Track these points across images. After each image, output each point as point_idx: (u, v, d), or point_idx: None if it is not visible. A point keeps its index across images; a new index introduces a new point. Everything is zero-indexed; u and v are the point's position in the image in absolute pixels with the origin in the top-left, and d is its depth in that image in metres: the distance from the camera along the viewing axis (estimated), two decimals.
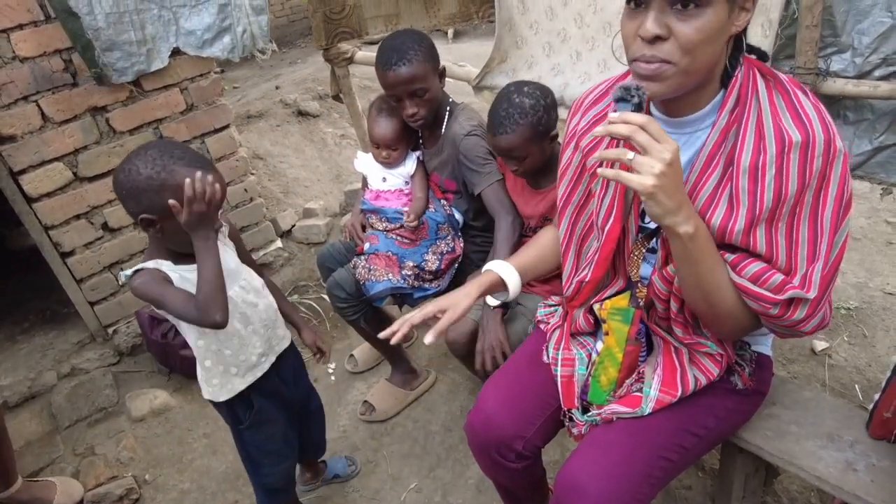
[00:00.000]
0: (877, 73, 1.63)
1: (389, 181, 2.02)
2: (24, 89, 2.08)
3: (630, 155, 0.89)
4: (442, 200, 2.01)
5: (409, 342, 2.52)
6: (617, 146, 1.07)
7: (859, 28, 1.61)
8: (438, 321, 1.19)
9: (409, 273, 1.93)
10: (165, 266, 1.29)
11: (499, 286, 1.32)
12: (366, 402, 2.21)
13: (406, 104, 1.78)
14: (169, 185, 1.19)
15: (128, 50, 2.23)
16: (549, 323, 1.40)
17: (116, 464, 2.11)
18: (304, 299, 2.77)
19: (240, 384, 1.43)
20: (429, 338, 1.15)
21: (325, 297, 2.75)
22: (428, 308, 1.22)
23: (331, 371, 2.42)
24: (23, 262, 3.09)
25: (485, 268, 1.34)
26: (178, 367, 2.40)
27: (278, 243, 2.98)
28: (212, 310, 1.21)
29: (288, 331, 1.59)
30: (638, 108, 0.92)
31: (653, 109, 1.09)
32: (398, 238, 1.97)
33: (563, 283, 1.29)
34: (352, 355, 2.45)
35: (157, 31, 2.29)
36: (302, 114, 4.28)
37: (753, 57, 1.05)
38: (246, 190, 2.76)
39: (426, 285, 1.98)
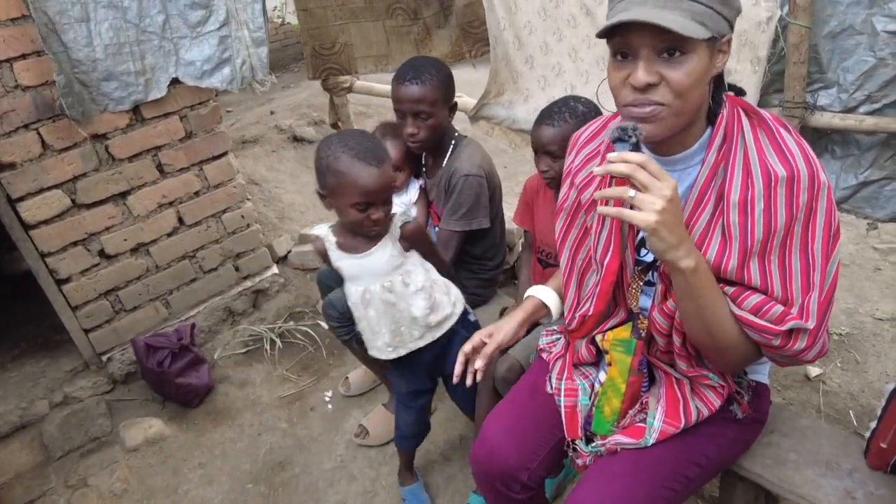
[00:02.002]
0: (861, 109, 1.69)
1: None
2: (26, 117, 2.09)
3: (631, 193, 0.92)
4: (438, 228, 2.03)
5: None
6: (610, 184, 1.11)
7: (844, 66, 1.67)
8: (484, 349, 1.31)
9: None
10: (331, 240, 1.56)
11: (541, 310, 1.41)
12: (361, 425, 2.21)
13: (408, 122, 1.82)
14: (332, 169, 1.40)
15: (125, 80, 2.25)
16: (551, 352, 1.42)
17: (110, 496, 2.07)
18: (300, 326, 2.76)
19: (374, 352, 1.64)
20: (478, 363, 1.28)
21: (321, 323, 2.77)
22: (475, 338, 1.34)
23: (328, 399, 2.41)
24: (14, 287, 3.05)
25: (526, 294, 1.45)
26: (174, 395, 2.38)
27: (274, 269, 2.98)
28: None
29: (443, 323, 1.63)
30: (635, 147, 0.96)
31: (643, 149, 1.13)
32: None
33: (566, 315, 1.31)
34: (346, 378, 2.45)
35: (157, 61, 2.32)
36: (297, 139, 4.32)
37: (732, 94, 1.10)
38: (243, 216, 2.77)
39: None
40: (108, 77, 2.20)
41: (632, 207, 0.93)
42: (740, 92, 1.13)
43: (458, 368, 1.31)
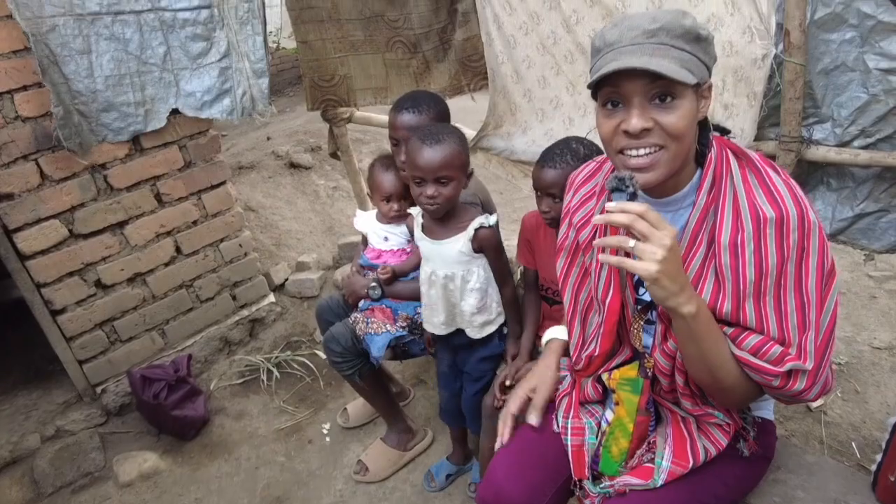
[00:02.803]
0: (856, 143, 1.72)
1: (392, 240, 2.04)
2: (25, 148, 2.09)
3: (631, 243, 0.93)
4: None
5: (405, 400, 2.50)
6: (606, 232, 1.14)
7: (838, 101, 1.71)
8: (533, 401, 1.35)
9: (403, 324, 1.95)
10: (419, 221, 1.76)
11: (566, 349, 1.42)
12: (360, 461, 2.17)
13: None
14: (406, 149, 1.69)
15: (125, 111, 2.26)
16: (557, 389, 1.41)
17: None
18: (297, 356, 2.74)
19: (427, 327, 1.84)
20: (533, 419, 1.32)
21: (319, 352, 2.75)
22: (519, 393, 1.36)
23: (325, 431, 2.38)
24: (4, 315, 3.01)
25: (546, 338, 1.48)
26: (170, 427, 2.34)
27: (271, 298, 2.96)
28: None
29: (484, 326, 1.77)
30: (633, 196, 0.97)
31: (641, 196, 1.15)
32: None
33: (572, 354, 1.31)
34: (345, 409, 2.42)
35: (157, 92, 2.33)
36: (294, 166, 4.32)
37: (718, 134, 1.13)
38: (241, 245, 2.76)
39: (419, 340, 2.00)
40: (107, 108, 2.21)
41: (631, 256, 0.94)
42: (724, 132, 1.16)
43: (502, 429, 1.37)
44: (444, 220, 1.70)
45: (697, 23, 0.98)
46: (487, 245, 1.67)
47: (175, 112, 2.39)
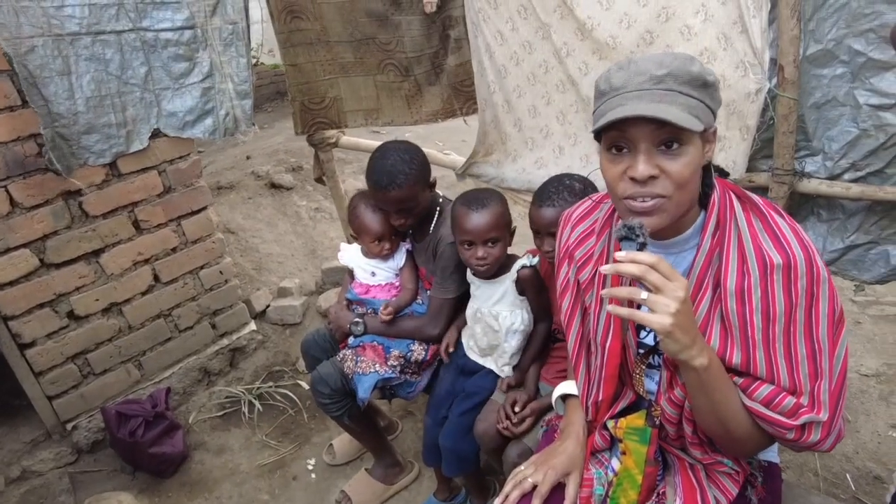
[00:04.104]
0: (846, 177, 1.73)
1: (379, 275, 1.99)
2: None
3: (644, 294, 0.90)
4: (429, 292, 1.99)
5: (393, 434, 2.43)
6: (605, 282, 1.10)
7: (829, 135, 1.72)
8: (568, 490, 1.21)
9: (395, 363, 1.90)
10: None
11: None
12: (343, 491, 2.10)
13: (394, 216, 1.84)
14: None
15: (107, 132, 2.18)
16: (558, 427, 1.37)
17: None
18: (280, 386, 2.65)
19: (466, 350, 1.88)
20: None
21: (302, 383, 2.67)
22: (550, 476, 1.22)
23: (311, 468, 2.29)
24: None
25: (559, 392, 1.38)
26: (146, 465, 2.23)
27: (252, 326, 2.87)
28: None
29: (506, 367, 1.80)
30: (642, 246, 0.94)
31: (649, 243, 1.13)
32: None
33: (581, 400, 1.27)
34: (331, 445, 2.34)
35: (139, 112, 2.26)
36: (275, 186, 4.24)
37: (718, 175, 1.11)
38: (221, 272, 2.68)
39: (410, 378, 1.94)
40: (89, 130, 2.13)
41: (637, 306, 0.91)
42: (724, 174, 1.15)
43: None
44: None
45: (705, 68, 0.96)
46: (528, 284, 1.72)
47: (156, 134, 2.31)
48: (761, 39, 1.64)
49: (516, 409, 1.65)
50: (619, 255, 0.92)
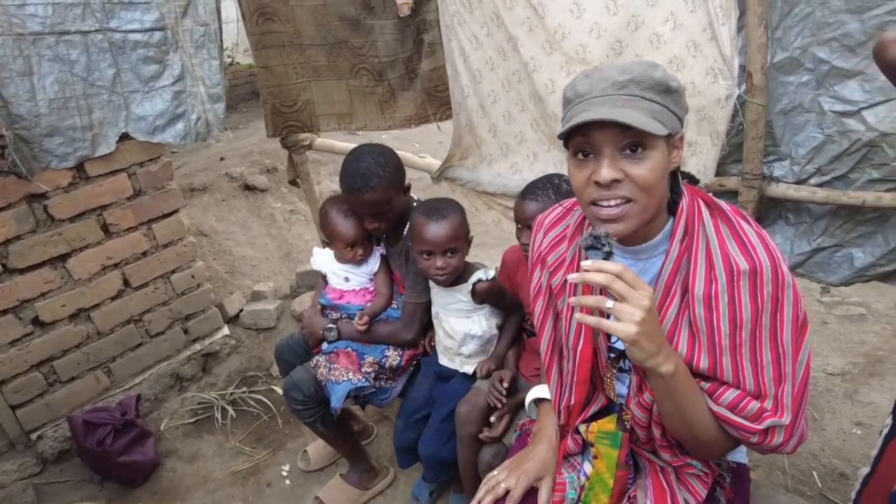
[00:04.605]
0: (812, 181, 1.78)
1: (353, 280, 1.98)
2: None
3: (609, 303, 0.91)
4: (403, 297, 1.98)
5: (368, 438, 2.41)
6: (579, 289, 1.11)
7: (796, 140, 1.76)
8: (540, 495, 1.21)
9: (370, 370, 1.88)
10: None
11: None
12: (317, 497, 2.08)
13: (367, 219, 1.82)
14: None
15: (71, 135, 2.13)
16: (531, 430, 1.37)
17: None
18: (254, 392, 2.61)
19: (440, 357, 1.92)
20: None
21: (276, 388, 2.64)
22: (523, 481, 1.22)
23: (285, 474, 2.26)
24: None
25: (532, 396, 1.38)
26: (115, 475, 2.18)
27: (225, 330, 2.83)
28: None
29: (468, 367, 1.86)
30: (608, 255, 0.95)
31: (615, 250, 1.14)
32: None
33: (554, 404, 1.28)
34: (305, 451, 2.31)
35: (106, 116, 2.21)
36: (249, 188, 4.19)
37: (686, 182, 1.13)
38: (193, 276, 2.63)
39: (385, 385, 1.92)
40: (51, 133, 2.07)
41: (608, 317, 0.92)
42: (694, 181, 1.16)
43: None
44: None
45: (668, 74, 0.97)
46: (486, 297, 1.77)
47: (125, 137, 2.26)
48: (730, 47, 1.67)
49: (505, 384, 1.66)
50: (585, 264, 0.93)
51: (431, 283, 1.83)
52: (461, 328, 1.79)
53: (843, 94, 1.63)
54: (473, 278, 1.74)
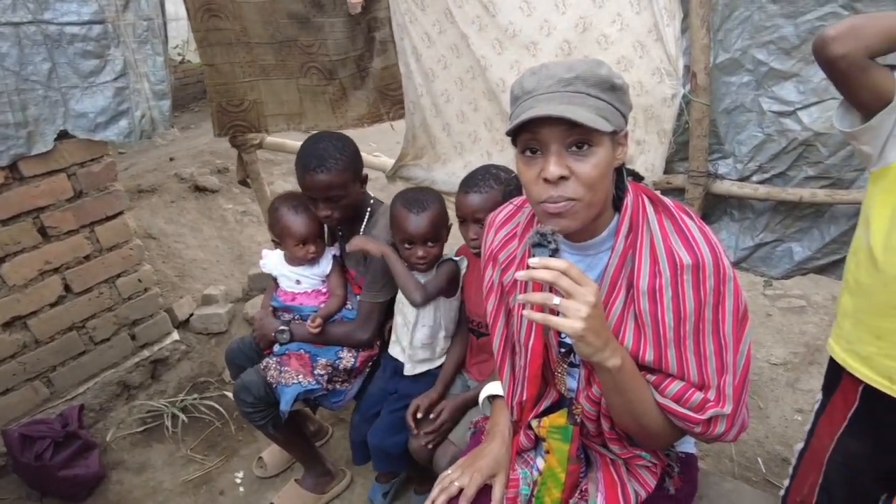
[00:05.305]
0: (754, 178, 1.84)
1: (305, 283, 1.93)
2: None
3: (556, 300, 0.92)
4: (359, 296, 1.95)
5: (323, 439, 2.37)
6: (528, 286, 1.13)
7: (738, 139, 1.82)
8: (494, 493, 1.21)
9: (323, 373, 1.85)
10: None
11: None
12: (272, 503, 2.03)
13: (321, 206, 1.76)
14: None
15: (3, 133, 2.02)
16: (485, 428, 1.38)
17: None
18: (205, 398, 2.54)
19: (392, 350, 1.91)
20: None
21: (228, 394, 2.57)
22: (476, 479, 1.22)
23: (239, 481, 2.21)
24: None
25: (484, 395, 1.38)
26: (56, 490, 2.08)
27: (175, 335, 2.74)
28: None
29: (421, 363, 1.85)
30: (555, 252, 0.97)
31: (561, 247, 1.15)
32: None
33: (506, 401, 1.28)
34: (260, 457, 2.26)
35: (42, 112, 2.11)
36: (199, 189, 4.08)
37: (631, 179, 1.15)
38: (140, 280, 2.54)
39: (339, 387, 1.90)
40: None
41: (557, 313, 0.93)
42: (638, 178, 1.19)
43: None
44: None
45: (613, 72, 0.99)
46: (445, 274, 1.77)
47: (64, 135, 2.16)
48: (675, 47, 1.72)
49: (418, 415, 1.67)
50: (532, 261, 0.94)
51: None
52: (413, 314, 1.79)
53: (781, 94, 1.69)
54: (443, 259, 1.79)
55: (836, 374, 1.35)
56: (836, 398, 1.36)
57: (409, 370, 1.84)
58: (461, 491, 1.20)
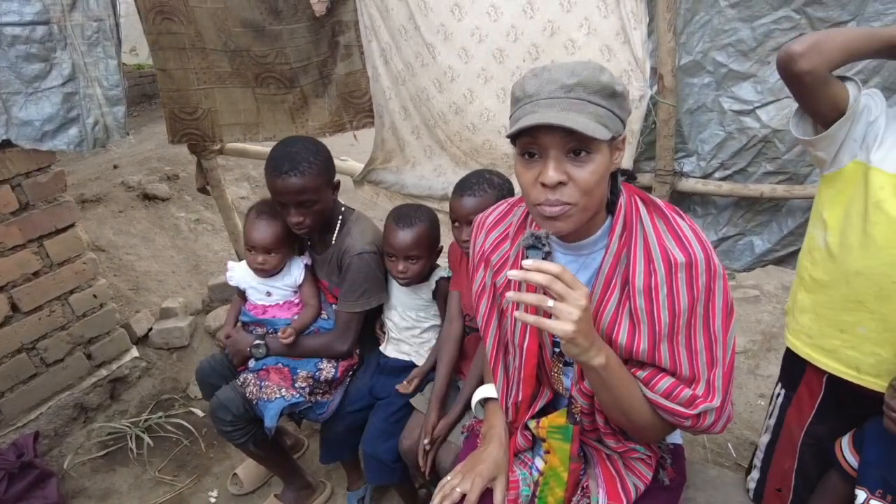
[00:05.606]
0: (716, 175, 1.92)
1: (276, 294, 1.88)
2: None
3: (550, 303, 0.94)
4: (334, 306, 1.91)
5: (300, 451, 2.32)
6: (521, 287, 1.14)
7: (701, 137, 1.89)
8: (496, 496, 1.21)
9: (304, 385, 1.80)
10: None
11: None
12: None
13: (292, 212, 1.69)
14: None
15: None
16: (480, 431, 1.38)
17: None
18: (171, 416, 2.43)
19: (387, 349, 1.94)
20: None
21: (195, 410, 2.47)
22: (478, 484, 1.21)
23: (213, 500, 2.12)
24: None
25: (477, 398, 1.38)
26: None
27: (134, 352, 2.61)
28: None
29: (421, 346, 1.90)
30: (548, 255, 0.99)
31: (555, 249, 1.18)
32: None
33: (501, 402, 1.29)
34: (235, 474, 2.18)
35: None
36: (149, 197, 3.90)
37: (625, 179, 1.19)
38: (95, 296, 2.41)
39: (321, 399, 1.86)
40: None
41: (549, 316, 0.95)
42: (632, 177, 1.22)
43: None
44: None
45: (614, 78, 1.01)
46: (443, 293, 1.84)
47: (7, 144, 2.03)
48: (642, 50, 1.77)
49: (425, 442, 1.62)
50: (527, 263, 0.94)
51: (394, 286, 1.88)
52: (408, 323, 1.86)
53: (740, 94, 1.77)
54: (436, 275, 1.82)
55: (797, 367, 1.41)
56: (801, 391, 1.43)
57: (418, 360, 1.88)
58: (464, 497, 1.20)
